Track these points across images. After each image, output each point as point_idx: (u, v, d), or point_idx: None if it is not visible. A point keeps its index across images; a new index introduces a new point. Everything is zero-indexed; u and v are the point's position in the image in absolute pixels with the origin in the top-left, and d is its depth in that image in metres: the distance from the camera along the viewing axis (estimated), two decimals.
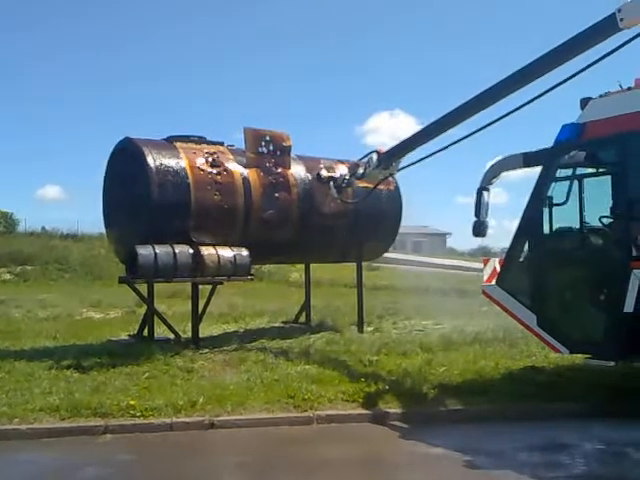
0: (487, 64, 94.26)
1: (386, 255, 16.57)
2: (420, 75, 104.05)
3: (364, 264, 14.30)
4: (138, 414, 7.22)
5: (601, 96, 8.16)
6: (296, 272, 24.60)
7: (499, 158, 9.34)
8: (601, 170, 8.40)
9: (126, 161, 11.47)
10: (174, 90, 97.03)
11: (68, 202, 78.70)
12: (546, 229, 8.40)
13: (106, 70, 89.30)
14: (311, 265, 14.75)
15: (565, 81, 8.16)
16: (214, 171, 11.55)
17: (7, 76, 79.70)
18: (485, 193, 8.95)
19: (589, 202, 8.15)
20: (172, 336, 11.41)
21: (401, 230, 14.51)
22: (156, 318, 11.51)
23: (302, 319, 14.26)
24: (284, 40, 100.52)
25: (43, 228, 38.18)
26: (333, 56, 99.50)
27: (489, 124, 9.23)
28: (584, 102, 8.28)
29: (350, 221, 12.89)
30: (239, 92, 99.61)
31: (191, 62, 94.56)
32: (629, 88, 8.00)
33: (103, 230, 13.32)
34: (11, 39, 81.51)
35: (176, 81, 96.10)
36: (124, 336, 12.22)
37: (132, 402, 7.43)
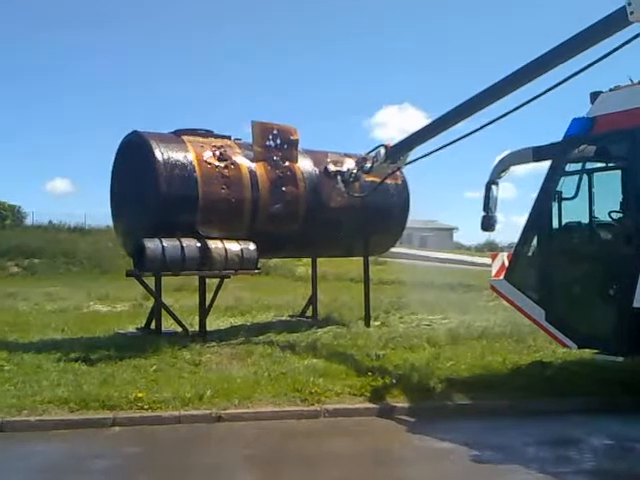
0: (495, 60, 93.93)
1: (393, 250, 16.53)
2: (429, 69, 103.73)
3: (370, 259, 14.27)
4: (146, 407, 7.25)
5: (611, 90, 8.10)
6: (302, 266, 24.64)
7: (508, 152, 9.30)
8: (611, 164, 8.35)
9: (134, 154, 11.48)
10: (181, 85, 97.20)
11: (77, 195, 79.26)
12: (555, 224, 8.36)
13: (113, 67, 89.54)
14: (317, 259, 14.74)
15: (575, 74, 8.10)
16: (221, 165, 11.54)
17: (19, 73, 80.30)
18: (494, 187, 8.92)
19: (598, 197, 8.10)
20: (179, 329, 11.45)
21: (408, 224, 14.47)
22: (163, 311, 11.53)
23: (309, 313, 14.24)
24: (291, 34, 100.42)
25: (50, 222, 38.36)
26: (341, 50, 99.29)
27: (498, 118, 9.17)
28: (594, 96, 8.22)
29: (357, 215, 12.83)
30: (247, 86, 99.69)
31: (199, 58, 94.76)
32: (639, 82, 7.94)
33: (110, 223, 13.36)
34: (15, 38, 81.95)
35: (183, 76, 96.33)
36: (131, 329, 12.25)
37: (140, 395, 7.45)
